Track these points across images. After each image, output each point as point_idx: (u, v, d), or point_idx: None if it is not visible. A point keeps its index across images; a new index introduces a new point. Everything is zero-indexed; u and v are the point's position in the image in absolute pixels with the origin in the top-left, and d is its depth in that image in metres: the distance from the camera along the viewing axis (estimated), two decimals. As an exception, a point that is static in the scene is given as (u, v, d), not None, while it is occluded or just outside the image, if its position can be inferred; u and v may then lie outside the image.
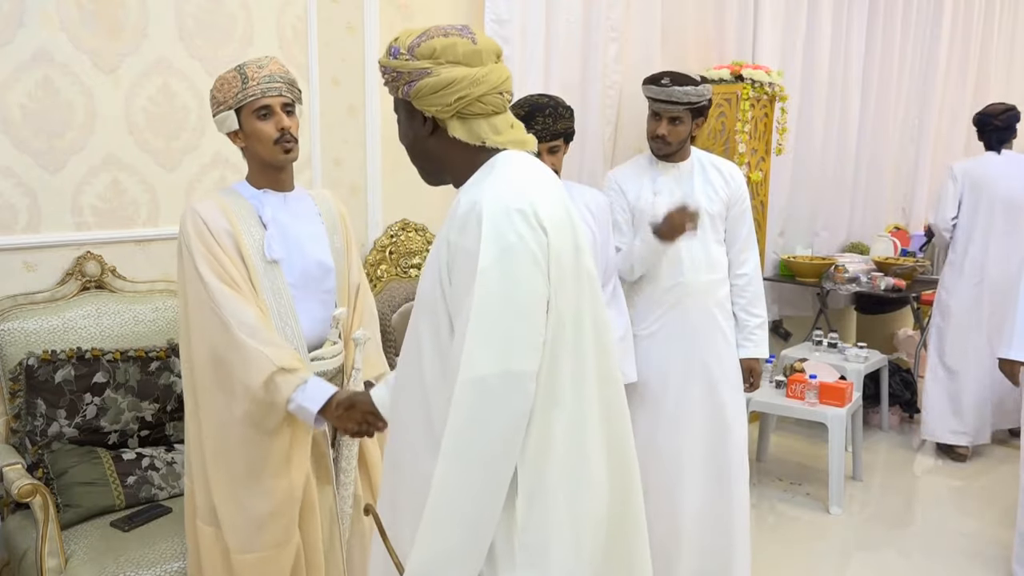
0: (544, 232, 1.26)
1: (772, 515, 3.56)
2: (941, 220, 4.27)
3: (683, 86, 2.59)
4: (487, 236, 1.24)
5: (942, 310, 4.30)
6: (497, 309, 1.23)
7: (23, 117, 2.41)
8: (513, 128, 1.40)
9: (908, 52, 5.55)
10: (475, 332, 1.22)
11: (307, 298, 2.00)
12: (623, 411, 1.43)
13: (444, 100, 1.32)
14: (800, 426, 4.46)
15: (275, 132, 1.92)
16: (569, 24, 3.54)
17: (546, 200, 1.31)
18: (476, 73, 1.32)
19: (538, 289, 1.25)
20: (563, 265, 1.30)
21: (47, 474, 2.26)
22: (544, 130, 2.34)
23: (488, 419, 1.23)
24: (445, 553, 1.24)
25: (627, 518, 1.42)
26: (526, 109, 2.34)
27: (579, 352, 1.33)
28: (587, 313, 1.35)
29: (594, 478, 1.35)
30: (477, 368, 1.22)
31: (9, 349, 2.33)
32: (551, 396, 1.29)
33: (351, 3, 3.04)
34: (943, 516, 3.67)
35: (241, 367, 1.82)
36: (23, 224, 2.44)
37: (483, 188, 1.29)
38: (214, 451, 1.91)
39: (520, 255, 1.24)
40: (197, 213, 1.91)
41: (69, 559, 2.08)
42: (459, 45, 1.33)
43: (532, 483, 1.28)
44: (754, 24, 4.37)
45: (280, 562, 1.92)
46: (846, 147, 5.18)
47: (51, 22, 2.42)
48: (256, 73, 1.91)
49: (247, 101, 1.90)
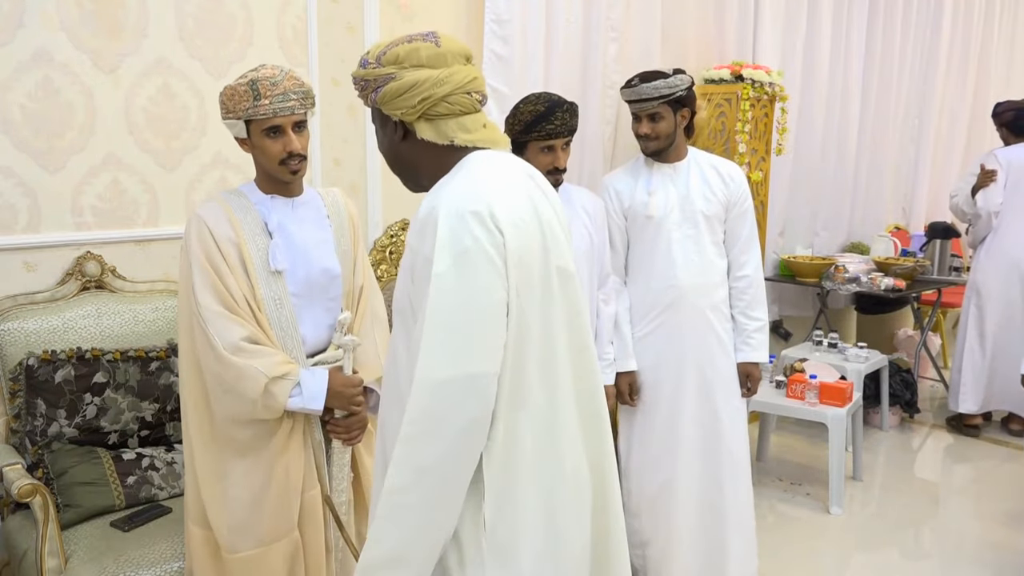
0: (500, 233, 1.25)
1: (772, 515, 3.56)
2: (992, 204, 4.41)
3: (651, 82, 2.60)
4: (442, 240, 1.24)
5: (976, 291, 4.55)
6: (452, 312, 1.23)
7: (23, 117, 2.41)
8: (486, 127, 1.40)
9: (908, 52, 5.55)
10: (431, 336, 1.22)
11: (311, 306, 2.00)
12: (600, 407, 1.44)
13: (408, 102, 1.35)
14: (800, 426, 4.46)
15: (282, 153, 1.90)
16: (569, 24, 3.54)
17: (507, 200, 1.30)
18: (439, 74, 1.34)
19: (495, 291, 1.25)
20: (526, 265, 1.29)
21: (47, 474, 2.26)
22: (563, 125, 2.38)
23: (444, 423, 1.22)
24: (393, 553, 1.25)
25: (607, 512, 1.44)
26: (545, 105, 2.37)
27: (549, 352, 1.33)
28: (559, 312, 1.35)
29: (569, 475, 1.35)
30: (434, 372, 1.22)
31: (9, 349, 2.33)
32: (516, 398, 1.28)
33: (351, 3, 3.04)
34: (944, 516, 3.67)
35: (236, 382, 1.83)
36: (23, 224, 2.44)
37: (443, 191, 1.30)
38: (201, 448, 1.91)
39: (475, 258, 1.24)
40: (202, 220, 1.90)
41: (69, 559, 2.08)
42: (422, 49, 1.36)
43: (500, 485, 1.28)
44: (754, 24, 4.37)
45: (271, 561, 1.92)
46: (846, 147, 5.18)
47: (51, 22, 2.42)
48: (269, 91, 1.86)
49: (257, 119, 1.88)
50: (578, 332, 1.39)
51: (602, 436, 1.44)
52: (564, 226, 1.44)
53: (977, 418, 4.55)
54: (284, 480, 1.91)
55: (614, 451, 1.48)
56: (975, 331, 4.54)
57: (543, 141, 2.39)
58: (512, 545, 1.29)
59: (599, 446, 1.43)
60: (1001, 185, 4.40)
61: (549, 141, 2.39)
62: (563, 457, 1.35)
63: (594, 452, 1.41)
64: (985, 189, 4.43)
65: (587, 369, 1.41)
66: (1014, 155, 4.42)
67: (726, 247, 2.77)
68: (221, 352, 1.82)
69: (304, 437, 1.96)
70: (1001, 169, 4.39)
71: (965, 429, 4.55)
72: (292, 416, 1.91)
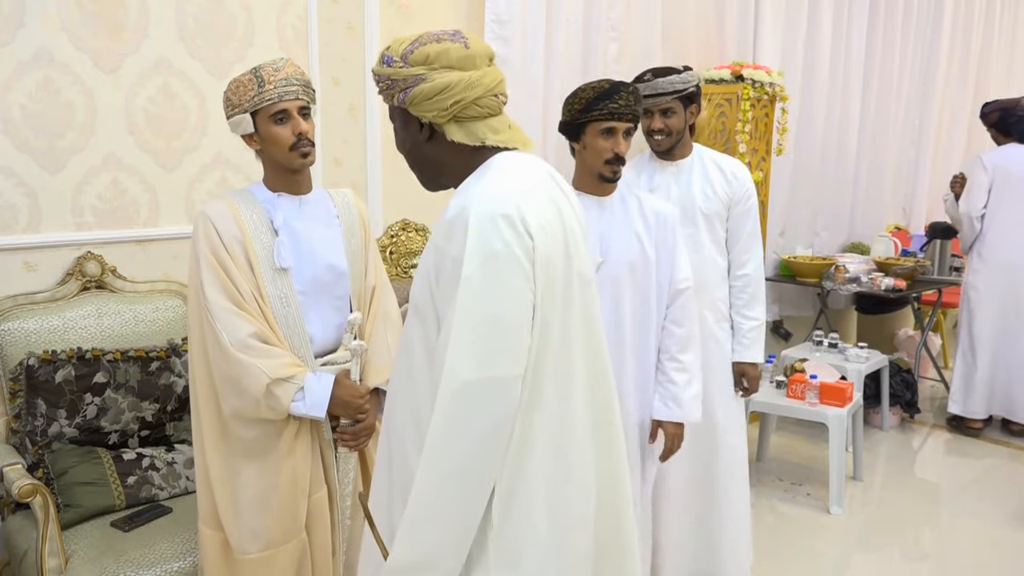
0: (531, 237, 1.26)
1: (772, 515, 3.56)
2: (973, 209, 4.40)
3: (666, 76, 2.58)
4: (472, 242, 1.24)
5: (968, 294, 4.55)
6: (481, 315, 1.23)
7: (24, 117, 2.41)
8: (511, 128, 1.40)
9: (908, 52, 5.56)
10: (459, 338, 1.23)
11: (318, 304, 2.00)
12: (614, 416, 1.43)
13: (440, 105, 1.33)
14: (800, 426, 4.46)
15: (292, 137, 1.91)
16: (569, 24, 3.54)
17: (536, 204, 1.30)
18: (471, 77, 1.33)
19: (523, 296, 1.25)
20: (551, 270, 1.29)
21: (47, 474, 2.26)
22: (626, 107, 2.17)
23: (470, 424, 1.23)
24: (422, 557, 1.25)
25: (618, 515, 1.43)
26: (609, 83, 2.20)
27: (565, 355, 1.33)
28: (576, 317, 1.35)
29: (577, 479, 1.35)
30: (461, 374, 1.22)
31: (9, 349, 2.33)
32: (533, 399, 1.29)
33: (351, 3, 3.04)
34: (945, 516, 3.67)
35: (240, 379, 1.83)
36: (24, 224, 2.45)
37: (472, 192, 1.30)
38: (213, 449, 1.91)
39: (505, 262, 1.24)
40: (209, 218, 1.90)
41: (69, 559, 2.08)
42: (452, 50, 1.34)
43: (509, 484, 1.28)
44: (755, 24, 4.37)
45: (281, 562, 1.93)
46: (846, 147, 5.18)
47: (51, 22, 2.42)
48: (272, 76, 1.89)
49: (263, 105, 1.88)
50: (593, 339, 1.39)
51: (614, 444, 1.43)
52: (584, 230, 1.45)
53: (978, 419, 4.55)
54: (291, 483, 1.92)
55: (626, 460, 1.47)
56: (966, 334, 4.55)
57: (604, 122, 2.17)
58: (518, 547, 1.29)
59: (610, 455, 1.42)
60: (985, 189, 4.38)
61: (610, 123, 2.17)
62: (571, 461, 1.34)
63: (605, 460, 1.41)
64: (967, 194, 4.44)
65: (601, 376, 1.41)
66: (1000, 158, 4.41)
67: (728, 245, 2.75)
68: (227, 348, 1.83)
69: (311, 438, 1.97)
70: (986, 173, 4.37)
71: (966, 429, 4.55)
72: (298, 418, 1.91)
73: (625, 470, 1.46)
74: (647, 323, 2.32)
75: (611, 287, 2.25)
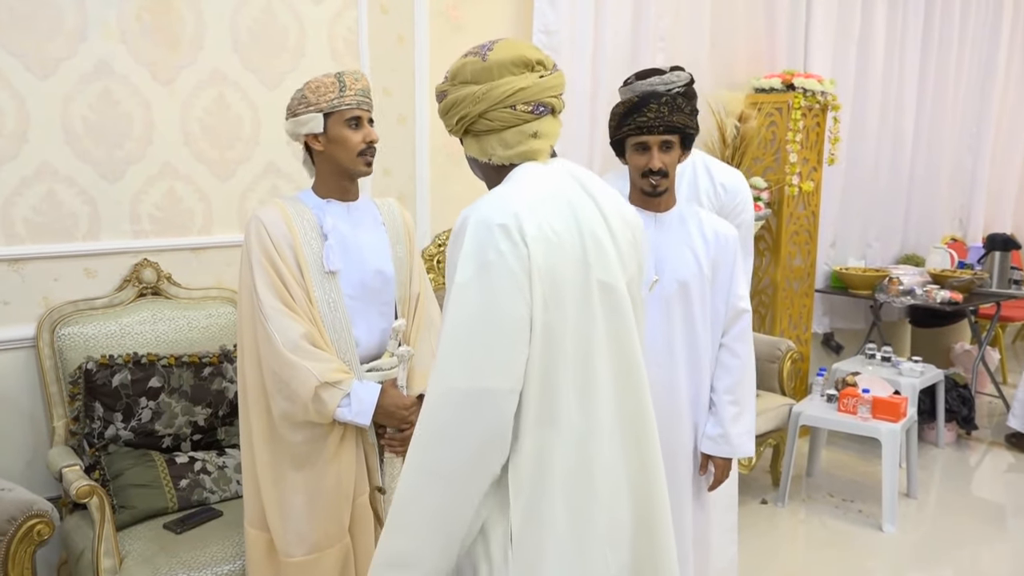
0: (526, 246, 1.23)
1: (824, 531, 3.48)
2: None
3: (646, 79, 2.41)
4: (467, 250, 1.24)
5: None
6: (471, 325, 1.23)
7: (85, 128, 2.48)
8: (536, 137, 1.35)
9: (965, 60, 5.43)
10: (447, 345, 1.23)
11: (365, 309, 2.02)
12: (648, 431, 1.39)
13: (450, 121, 1.38)
14: (852, 441, 4.36)
15: (362, 143, 1.96)
16: (616, 35, 3.53)
17: (543, 212, 1.27)
18: (477, 91, 1.33)
19: (515, 307, 1.23)
20: (558, 279, 1.26)
21: (103, 476, 2.31)
22: (657, 119, 2.03)
23: (456, 433, 1.22)
24: (400, 556, 1.25)
25: (653, 537, 1.39)
26: (640, 95, 2.09)
27: (587, 371, 1.30)
28: (600, 329, 1.31)
29: (604, 498, 1.32)
30: (447, 381, 1.22)
31: (69, 353, 2.40)
32: (546, 415, 1.27)
33: (401, 15, 3.07)
34: (1004, 537, 3.56)
35: (290, 381, 1.86)
36: (84, 232, 2.51)
37: (479, 202, 1.30)
38: (262, 451, 1.94)
39: (498, 273, 1.22)
40: (261, 222, 1.94)
41: (124, 559, 2.12)
42: (468, 65, 1.35)
43: (526, 500, 1.27)
44: (805, 32, 4.32)
45: (325, 566, 1.94)
46: (900, 156, 5.08)
47: (112, 36, 2.49)
48: (353, 84, 1.97)
49: (341, 108, 1.94)
50: (625, 351, 1.35)
51: (646, 461, 1.39)
52: (620, 238, 1.37)
53: None
54: (336, 487, 1.93)
55: (663, 475, 1.42)
56: None
57: (635, 137, 2.07)
58: (538, 562, 1.28)
59: (643, 470, 1.38)
60: None
61: (641, 137, 2.06)
62: (596, 480, 1.31)
63: (636, 476, 1.37)
64: None
65: (634, 390, 1.37)
66: None
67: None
68: (280, 348, 1.85)
69: (356, 443, 1.98)
70: None
71: None
72: (343, 423, 1.93)
73: (662, 485, 1.41)
74: (702, 344, 2.19)
75: (663, 305, 2.14)
